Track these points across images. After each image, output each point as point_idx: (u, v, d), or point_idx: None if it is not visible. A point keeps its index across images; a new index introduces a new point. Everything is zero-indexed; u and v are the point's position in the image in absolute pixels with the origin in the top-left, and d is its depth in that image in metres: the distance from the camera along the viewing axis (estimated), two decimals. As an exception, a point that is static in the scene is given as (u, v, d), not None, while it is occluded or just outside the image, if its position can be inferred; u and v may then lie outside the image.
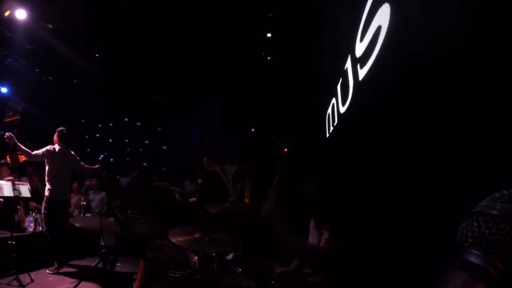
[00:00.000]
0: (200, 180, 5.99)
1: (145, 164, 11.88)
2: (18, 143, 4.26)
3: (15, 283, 3.61)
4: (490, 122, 0.96)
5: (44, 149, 4.49)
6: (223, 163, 4.63)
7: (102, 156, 12.45)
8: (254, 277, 1.93)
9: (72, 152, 4.83)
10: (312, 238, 2.14)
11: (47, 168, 4.51)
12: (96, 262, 2.72)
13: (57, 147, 4.61)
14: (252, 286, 1.53)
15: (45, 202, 4.43)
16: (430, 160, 1.32)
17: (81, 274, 4.23)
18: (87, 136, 12.20)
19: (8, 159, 6.92)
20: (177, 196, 4.69)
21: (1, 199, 4.28)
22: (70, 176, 4.84)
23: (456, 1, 1.17)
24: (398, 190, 1.68)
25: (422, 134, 1.41)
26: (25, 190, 4.27)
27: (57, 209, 4.44)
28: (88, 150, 11.64)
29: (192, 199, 4.56)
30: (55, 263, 4.34)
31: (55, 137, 4.67)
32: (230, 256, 2.68)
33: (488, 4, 1.00)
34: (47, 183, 4.50)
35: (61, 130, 4.73)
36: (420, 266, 1.33)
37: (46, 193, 4.46)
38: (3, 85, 8.77)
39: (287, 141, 9.11)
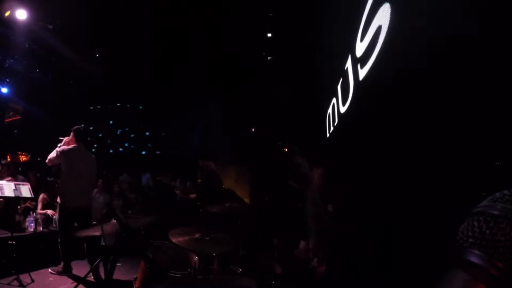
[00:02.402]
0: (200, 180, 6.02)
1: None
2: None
3: (15, 283, 3.61)
4: (490, 122, 0.96)
5: (58, 149, 4.01)
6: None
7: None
8: (254, 277, 1.92)
9: (92, 155, 4.26)
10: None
11: (61, 170, 4.04)
12: (97, 262, 2.72)
13: (71, 146, 4.06)
14: (253, 286, 1.53)
15: (58, 209, 4.02)
16: (430, 159, 1.32)
17: (81, 274, 4.22)
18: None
19: (9, 159, 6.94)
20: (177, 192, 4.68)
21: (1, 199, 4.28)
22: (88, 180, 4.15)
23: (456, 1, 1.17)
24: (398, 189, 1.68)
25: (422, 133, 1.41)
26: (25, 190, 4.27)
27: (70, 217, 3.90)
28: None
29: (193, 195, 4.59)
30: (61, 265, 4.09)
31: (71, 136, 4.13)
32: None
33: (488, 4, 1.00)
34: (60, 188, 4.08)
35: (77, 128, 4.19)
36: (420, 266, 1.33)
37: (58, 199, 4.02)
38: (3, 85, 8.78)
39: (287, 141, 9.13)
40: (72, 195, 3.93)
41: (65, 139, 4.15)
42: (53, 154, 4.03)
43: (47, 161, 4.09)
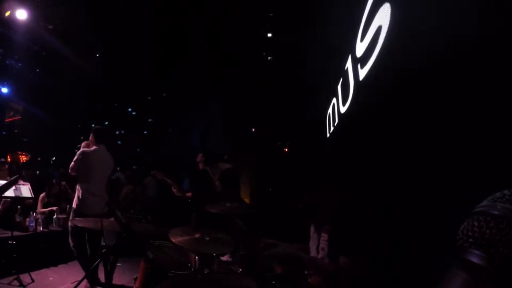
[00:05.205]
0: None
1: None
2: None
3: (15, 283, 3.62)
4: (490, 122, 0.96)
5: (76, 155, 3.74)
6: (217, 162, 4.72)
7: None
8: (254, 277, 1.92)
9: (111, 158, 4.02)
10: (312, 242, 2.13)
11: (79, 173, 3.80)
12: (97, 262, 2.72)
13: (93, 148, 3.84)
14: (253, 286, 1.53)
15: (72, 217, 3.77)
16: (430, 159, 1.32)
17: (81, 274, 4.23)
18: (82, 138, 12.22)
19: (9, 159, 6.94)
20: (174, 190, 4.67)
21: (8, 199, 4.28)
22: (105, 185, 3.96)
23: (457, 1, 1.17)
24: (398, 190, 1.68)
25: (422, 134, 1.41)
26: (25, 190, 4.28)
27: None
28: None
29: (189, 194, 4.60)
30: (85, 281, 3.71)
31: (90, 138, 3.92)
32: (225, 258, 2.68)
33: (488, 4, 1.00)
34: (76, 192, 3.80)
35: (96, 128, 3.97)
36: (421, 266, 1.33)
37: (74, 204, 3.78)
38: (3, 85, 8.78)
39: (287, 141, 9.14)
40: (89, 203, 3.68)
41: (83, 144, 3.94)
42: (73, 161, 3.77)
43: (70, 171, 3.85)
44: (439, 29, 1.26)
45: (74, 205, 3.76)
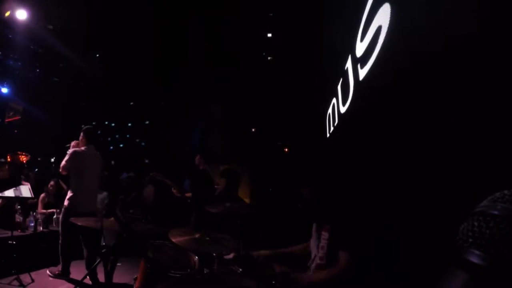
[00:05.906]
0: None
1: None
2: None
3: (15, 283, 3.61)
4: (490, 122, 0.96)
5: (68, 155, 3.86)
6: (217, 162, 4.75)
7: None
8: (254, 277, 1.92)
9: (100, 157, 4.15)
10: (313, 241, 2.14)
11: (71, 172, 3.90)
12: (97, 262, 2.72)
13: (83, 148, 3.93)
14: (252, 286, 1.53)
15: (63, 213, 3.89)
16: (430, 160, 1.32)
17: (81, 274, 4.22)
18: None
19: (9, 159, 6.93)
20: (174, 190, 4.68)
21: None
22: (96, 184, 4.10)
23: (456, 1, 1.17)
24: (399, 190, 1.68)
25: (422, 134, 1.41)
26: (25, 190, 4.28)
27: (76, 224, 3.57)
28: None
29: (188, 194, 4.64)
30: (60, 267, 3.98)
31: (81, 137, 4.02)
32: (230, 256, 2.68)
33: (488, 4, 1.00)
34: (69, 190, 3.92)
35: (87, 128, 4.06)
36: (420, 266, 1.33)
37: (66, 202, 3.88)
38: (3, 85, 8.78)
39: (287, 141, 9.14)
40: (80, 201, 3.80)
41: (73, 143, 4.02)
42: (64, 161, 3.85)
43: (60, 170, 3.93)
44: (439, 29, 1.26)
45: (66, 203, 3.86)
